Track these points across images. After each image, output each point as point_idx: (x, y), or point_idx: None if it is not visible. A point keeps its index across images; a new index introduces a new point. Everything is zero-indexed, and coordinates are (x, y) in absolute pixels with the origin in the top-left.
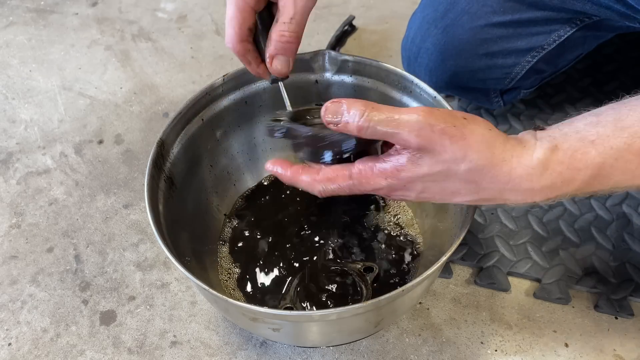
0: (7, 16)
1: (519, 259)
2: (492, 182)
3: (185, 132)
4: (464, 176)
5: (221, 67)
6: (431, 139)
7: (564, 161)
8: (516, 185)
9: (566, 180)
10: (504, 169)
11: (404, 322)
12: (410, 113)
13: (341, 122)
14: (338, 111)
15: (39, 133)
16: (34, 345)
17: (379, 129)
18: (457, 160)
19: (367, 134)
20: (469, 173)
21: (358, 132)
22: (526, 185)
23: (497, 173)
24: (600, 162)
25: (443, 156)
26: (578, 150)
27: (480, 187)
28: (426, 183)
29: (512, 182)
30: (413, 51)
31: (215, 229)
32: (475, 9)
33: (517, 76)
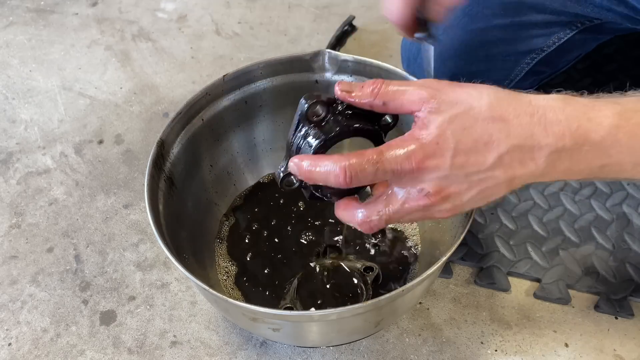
0: (7, 16)
1: (519, 259)
2: (518, 113)
3: (185, 132)
4: (489, 113)
5: (221, 67)
6: (440, 86)
7: (586, 103)
8: (541, 117)
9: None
10: (524, 99)
11: (404, 322)
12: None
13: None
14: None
15: (39, 133)
16: (34, 345)
17: (390, 89)
18: (474, 95)
19: (379, 97)
20: (491, 108)
21: (371, 96)
22: (551, 117)
23: (520, 102)
24: (623, 115)
25: (459, 96)
26: (599, 101)
27: (509, 125)
28: (455, 133)
29: (537, 113)
30: (413, 52)
31: (214, 228)
32: (475, 11)
33: (516, 78)
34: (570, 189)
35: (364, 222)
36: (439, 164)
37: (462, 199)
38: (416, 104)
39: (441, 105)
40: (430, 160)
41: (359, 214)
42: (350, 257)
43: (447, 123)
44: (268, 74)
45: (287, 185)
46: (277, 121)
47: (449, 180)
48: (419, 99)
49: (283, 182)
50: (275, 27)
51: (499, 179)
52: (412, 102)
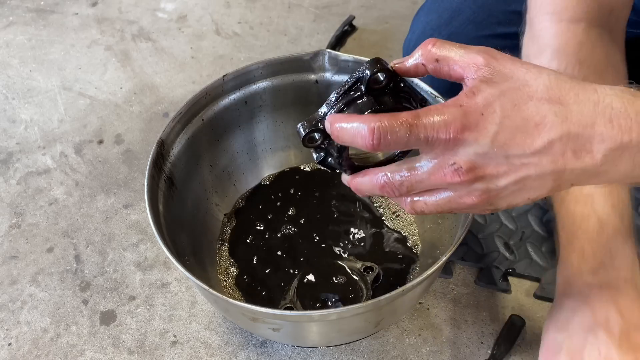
0: (7, 16)
1: (519, 259)
2: (580, 99)
3: (185, 132)
4: (546, 93)
5: (221, 67)
6: (500, 56)
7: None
8: (607, 106)
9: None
10: (589, 86)
11: (404, 322)
12: None
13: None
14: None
15: (39, 133)
16: (34, 345)
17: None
18: (532, 74)
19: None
20: (549, 89)
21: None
22: (619, 107)
23: (584, 88)
24: None
25: (516, 71)
26: None
27: (567, 109)
28: (504, 108)
29: (602, 102)
30: None
31: (215, 229)
32: (480, 19)
33: None
34: None
35: (386, 184)
36: (479, 137)
37: (497, 184)
38: (468, 68)
39: (495, 76)
40: (469, 133)
41: (380, 176)
42: (350, 257)
43: (497, 95)
44: (268, 74)
45: (309, 141)
46: (277, 121)
47: (486, 158)
48: (473, 64)
49: (306, 138)
50: (275, 27)
51: (545, 168)
52: (465, 66)
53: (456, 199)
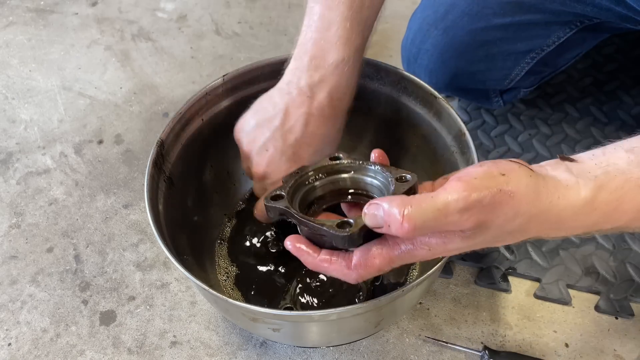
0: (7, 16)
1: (519, 259)
2: (541, 226)
3: (185, 132)
4: (516, 228)
5: (221, 67)
6: (483, 215)
7: (611, 202)
8: (564, 225)
9: (610, 220)
10: (554, 212)
11: (404, 322)
12: (452, 194)
13: (383, 227)
14: (377, 218)
15: (38, 133)
16: (33, 345)
17: (427, 227)
18: (510, 219)
19: (417, 235)
20: (520, 225)
21: (406, 236)
22: (571, 224)
23: (548, 217)
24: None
25: (496, 222)
26: (626, 193)
27: (528, 232)
28: (477, 244)
29: (559, 222)
30: (413, 52)
31: (214, 228)
32: (475, 11)
33: (516, 77)
34: None
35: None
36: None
37: None
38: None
39: (476, 234)
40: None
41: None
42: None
43: (468, 247)
44: (268, 74)
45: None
46: None
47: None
48: (457, 228)
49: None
50: (275, 27)
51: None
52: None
53: None
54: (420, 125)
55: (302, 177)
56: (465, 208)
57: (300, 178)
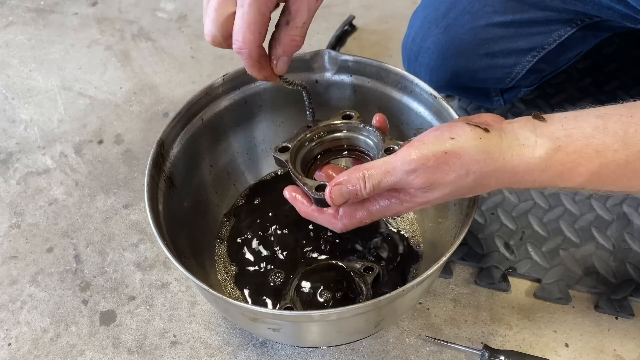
0: (7, 16)
1: (519, 259)
2: (499, 180)
3: (185, 132)
4: (473, 183)
5: (221, 67)
6: (430, 174)
7: (566, 164)
8: (520, 179)
9: (565, 180)
10: (507, 167)
11: (404, 322)
12: (401, 158)
13: (350, 199)
14: (343, 194)
15: (38, 133)
16: (33, 345)
17: (383, 187)
18: (462, 176)
19: (376, 194)
20: (476, 181)
21: (368, 197)
22: (528, 179)
23: (502, 173)
24: (598, 171)
25: (448, 179)
26: (582, 157)
27: (486, 187)
28: (438, 200)
29: (516, 176)
30: (414, 51)
31: (215, 228)
32: (476, 9)
33: (517, 76)
34: None
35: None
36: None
37: None
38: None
39: (433, 189)
40: (411, 210)
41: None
42: (350, 257)
43: (434, 200)
44: None
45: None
46: (277, 121)
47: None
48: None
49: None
50: None
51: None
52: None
53: None
54: (420, 125)
55: (310, 134)
56: (411, 170)
57: (308, 135)
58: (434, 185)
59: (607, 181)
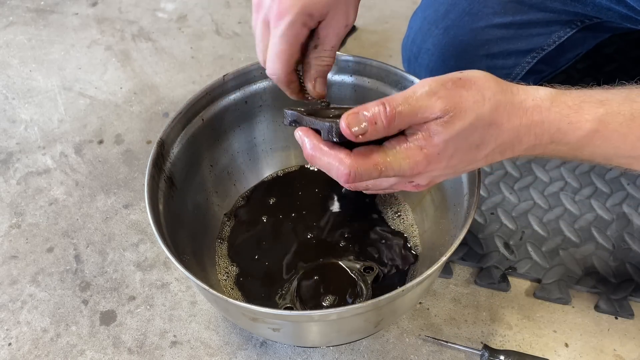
0: (7, 16)
1: (519, 259)
2: (510, 118)
3: (185, 132)
4: (489, 118)
5: (221, 67)
6: (451, 96)
7: (571, 105)
8: (529, 120)
9: (573, 124)
10: (517, 99)
11: (404, 322)
12: (420, 85)
13: (368, 130)
14: (360, 119)
15: (39, 133)
16: (34, 345)
17: (404, 115)
18: (479, 102)
19: (396, 125)
20: (491, 113)
21: (388, 128)
22: (537, 119)
23: (514, 105)
24: (604, 120)
25: (467, 103)
26: (585, 102)
27: (501, 129)
28: (457, 143)
29: (525, 115)
30: (414, 51)
31: (214, 228)
32: (476, 10)
33: (517, 77)
34: (570, 189)
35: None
36: (437, 167)
37: (441, 179)
38: (430, 118)
39: (454, 117)
40: (430, 167)
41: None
42: (350, 257)
43: (454, 137)
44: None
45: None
46: (277, 121)
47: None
48: (432, 114)
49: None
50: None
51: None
52: (426, 117)
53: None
54: None
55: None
56: (432, 92)
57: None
58: (455, 110)
59: (613, 136)
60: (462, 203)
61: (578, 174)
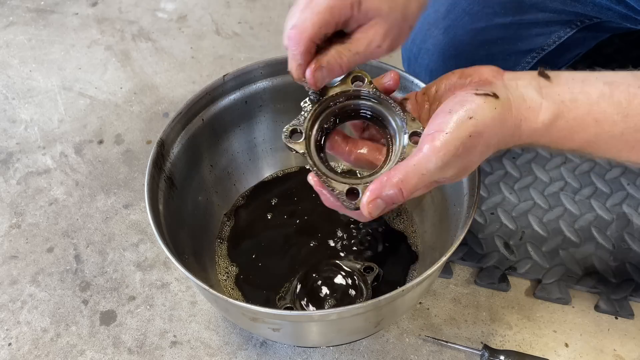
0: (7, 16)
1: (519, 259)
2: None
3: (185, 132)
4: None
5: (221, 67)
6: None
7: (564, 131)
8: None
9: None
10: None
11: (404, 322)
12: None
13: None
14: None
15: (39, 133)
16: (34, 345)
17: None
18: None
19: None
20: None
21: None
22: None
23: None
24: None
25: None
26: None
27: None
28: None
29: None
30: (413, 52)
31: (215, 228)
32: (476, 10)
33: None
34: (570, 189)
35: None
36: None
37: None
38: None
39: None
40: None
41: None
42: (350, 257)
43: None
44: (268, 74)
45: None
46: (277, 121)
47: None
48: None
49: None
50: (275, 27)
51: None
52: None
53: None
54: None
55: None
56: (444, 165)
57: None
58: (464, 170)
59: (598, 150)
60: (462, 203)
61: (578, 174)
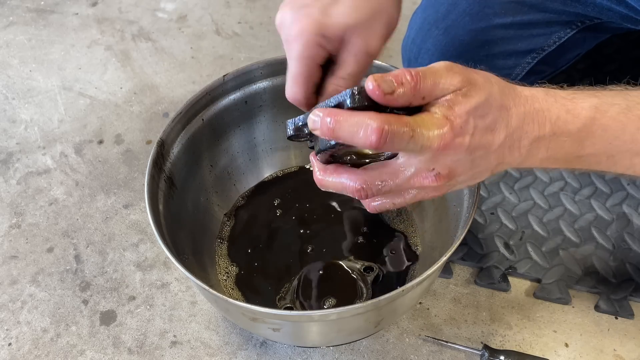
0: (7, 16)
1: (519, 259)
2: (516, 103)
3: (185, 132)
4: (499, 100)
5: (221, 67)
6: (465, 72)
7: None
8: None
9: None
10: (517, 89)
11: (404, 322)
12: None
13: (395, 89)
14: (386, 78)
15: (39, 133)
16: (34, 345)
17: (427, 80)
18: (488, 83)
19: (420, 91)
20: (500, 95)
21: (414, 90)
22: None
23: (515, 91)
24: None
25: (479, 82)
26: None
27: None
28: (476, 119)
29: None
30: (414, 52)
31: (215, 228)
32: (476, 11)
33: (517, 77)
34: (570, 188)
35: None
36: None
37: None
38: (449, 90)
39: (470, 91)
40: (454, 142)
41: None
42: (350, 257)
43: (473, 109)
44: (268, 74)
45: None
46: (277, 121)
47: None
48: (452, 86)
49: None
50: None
51: (491, 163)
52: (446, 89)
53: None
54: None
55: None
56: (447, 67)
57: None
58: (470, 85)
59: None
60: (462, 203)
61: (578, 174)
